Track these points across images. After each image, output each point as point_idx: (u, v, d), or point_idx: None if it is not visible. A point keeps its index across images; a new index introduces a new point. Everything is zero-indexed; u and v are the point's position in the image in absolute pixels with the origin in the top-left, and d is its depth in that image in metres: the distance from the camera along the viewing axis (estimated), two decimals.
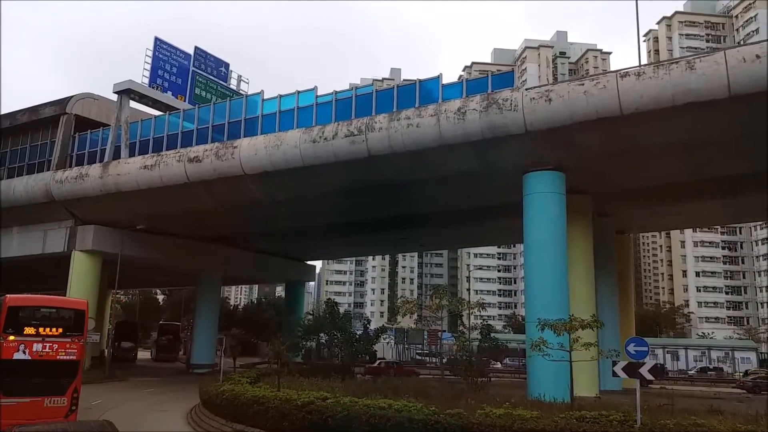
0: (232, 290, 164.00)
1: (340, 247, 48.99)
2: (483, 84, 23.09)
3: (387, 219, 33.07)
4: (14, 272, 43.51)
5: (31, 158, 36.07)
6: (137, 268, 40.45)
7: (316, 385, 19.91)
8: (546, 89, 21.27)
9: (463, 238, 44.36)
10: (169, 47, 35.57)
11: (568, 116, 20.68)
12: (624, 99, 19.85)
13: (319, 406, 14.58)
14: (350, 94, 25.89)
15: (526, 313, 22.89)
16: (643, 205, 30.27)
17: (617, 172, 24.59)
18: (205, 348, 40.56)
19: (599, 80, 20.47)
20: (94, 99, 35.75)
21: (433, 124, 22.56)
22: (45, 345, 15.69)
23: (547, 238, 22.21)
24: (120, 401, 24.18)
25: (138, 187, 29.83)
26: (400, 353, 55.94)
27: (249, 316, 66.23)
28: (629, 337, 14.50)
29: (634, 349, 12.33)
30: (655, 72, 19.62)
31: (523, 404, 15.19)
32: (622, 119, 20.18)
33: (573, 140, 21.52)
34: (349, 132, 24.21)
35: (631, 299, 37.01)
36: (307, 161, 25.28)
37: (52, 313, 16.66)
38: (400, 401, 14.24)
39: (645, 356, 12.44)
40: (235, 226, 36.84)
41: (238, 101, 30.33)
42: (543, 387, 19.33)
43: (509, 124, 21.47)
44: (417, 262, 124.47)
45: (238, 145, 26.92)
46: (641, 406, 13.35)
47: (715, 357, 56.65)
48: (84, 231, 33.59)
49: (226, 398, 17.81)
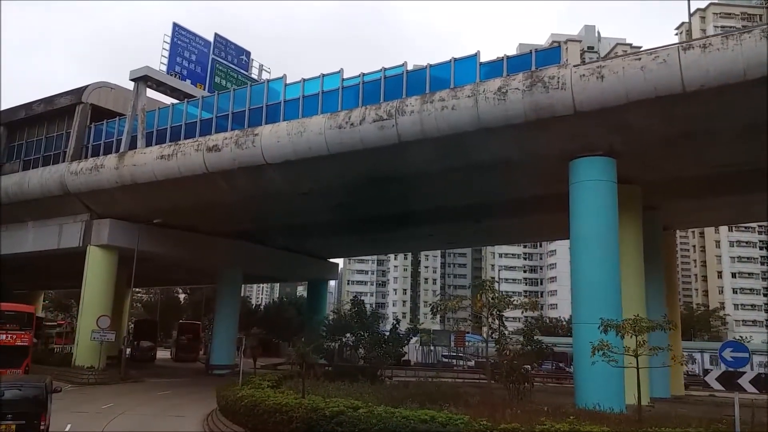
0: (253, 290, 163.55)
1: (365, 244, 47.06)
2: (526, 61, 21.07)
3: (415, 213, 31.17)
4: (31, 268, 42.77)
5: (47, 150, 34.94)
6: (155, 265, 39.20)
7: (343, 390, 18.24)
8: (598, 65, 19.21)
9: (495, 234, 42.06)
10: (189, 33, 34.07)
11: (623, 95, 18.60)
12: (687, 74, 17.72)
13: (350, 417, 12.78)
14: (379, 75, 24.01)
15: (573, 313, 20.82)
16: (693, 197, 27.89)
17: (671, 159, 22.36)
18: (224, 348, 39.06)
19: (659, 54, 18.31)
20: (110, 88, 34.43)
21: (471, 105, 20.63)
22: (7, 335, 25.47)
23: (597, 230, 20.12)
24: (133, 405, 22.70)
25: (155, 178, 28.36)
26: (425, 355, 53.99)
27: (270, 315, 64.76)
28: (725, 341, 12.44)
29: (731, 356, 10.18)
30: (723, 43, 17.45)
31: (581, 415, 13.24)
32: (683, 98, 18.05)
33: (627, 122, 19.42)
34: (378, 116, 22.40)
35: (677, 300, 34.69)
36: (332, 149, 23.53)
37: (12, 314, 26.26)
38: (443, 413, 12.39)
39: (745, 364, 10.30)
40: (256, 221, 35.23)
41: (259, 87, 28.67)
42: (597, 395, 17.37)
43: (556, 105, 19.45)
44: (440, 262, 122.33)
45: (259, 133, 25.28)
46: (699, 418, 11.49)
47: (757, 362, 53.89)
48: (99, 225, 32.27)
49: (245, 405, 16.09)
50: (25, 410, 12.28)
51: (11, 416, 12.08)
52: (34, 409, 12.51)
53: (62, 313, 75.79)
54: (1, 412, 11.96)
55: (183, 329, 55.26)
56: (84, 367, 30.59)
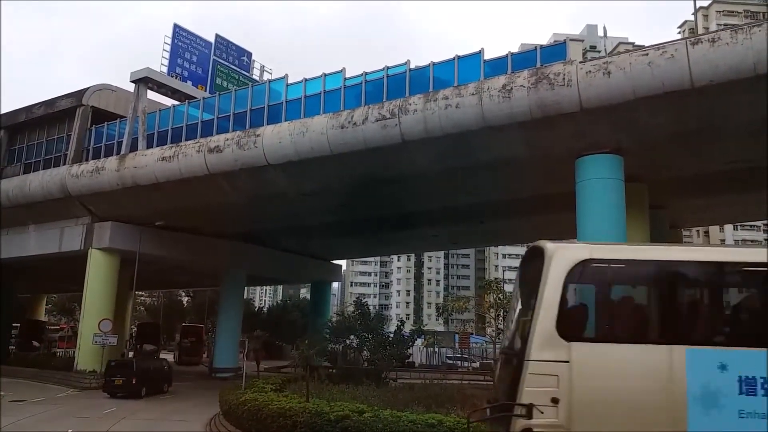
0: (256, 292, 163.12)
1: (368, 245, 46.75)
2: (531, 58, 20.80)
3: (418, 213, 30.89)
4: (34, 271, 42.58)
5: (48, 153, 34.78)
6: (158, 268, 38.93)
7: (347, 393, 17.94)
8: (604, 61, 18.91)
9: (500, 234, 41.70)
10: (189, 34, 33.84)
11: (630, 91, 18.27)
12: (695, 69, 17.39)
13: (355, 422, 12.49)
14: (381, 74, 23.75)
15: None
16: (701, 195, 27.53)
17: (678, 156, 22.00)
18: (228, 351, 38.75)
19: (666, 49, 17.99)
20: (111, 90, 34.23)
21: (475, 103, 20.33)
22: None
23: (605, 229, 19.71)
24: (135, 409, 22.43)
25: (156, 180, 28.12)
26: (430, 356, 53.67)
27: (273, 317, 64.47)
28: None
29: None
30: (732, 37, 17.14)
31: None
32: (692, 93, 17.72)
33: (634, 119, 19.10)
34: (381, 115, 22.11)
35: None
36: (335, 149, 23.25)
37: None
38: (451, 416, 12.07)
39: None
40: (259, 222, 34.98)
41: (260, 87, 28.43)
42: None
43: (562, 102, 19.14)
44: (443, 263, 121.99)
45: (261, 134, 25.02)
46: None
47: None
48: (101, 228, 32.04)
49: (248, 409, 15.81)
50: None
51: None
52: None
53: (65, 316, 75.59)
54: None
55: (186, 332, 54.98)
56: (86, 371, 30.35)
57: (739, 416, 5.82)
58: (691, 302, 7.30)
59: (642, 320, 7.19)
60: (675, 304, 7.04)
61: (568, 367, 6.27)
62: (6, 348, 43.09)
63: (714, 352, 6.20)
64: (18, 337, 50.58)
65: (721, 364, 6.05)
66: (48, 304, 72.49)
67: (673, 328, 6.70)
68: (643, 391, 6.21)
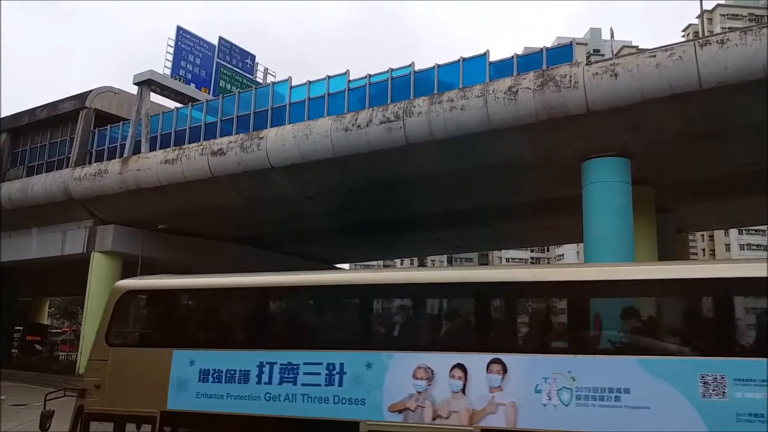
0: None
1: (371, 249, 46.58)
2: (537, 60, 20.66)
3: (422, 216, 30.66)
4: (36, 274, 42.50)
5: (51, 155, 34.67)
6: (161, 271, 38.60)
7: None
8: (611, 63, 18.72)
9: (504, 238, 41.51)
10: (193, 37, 33.78)
11: (638, 93, 18.09)
12: (704, 71, 17.21)
13: None
14: (386, 77, 23.63)
15: None
16: (708, 198, 27.28)
17: (685, 159, 21.78)
18: None
19: (674, 50, 17.82)
20: (114, 93, 34.14)
21: (480, 106, 20.16)
22: None
23: (612, 233, 19.53)
24: None
25: (159, 182, 27.99)
26: None
27: None
28: None
29: None
30: (742, 38, 16.95)
31: None
32: (700, 95, 17.54)
33: (642, 121, 18.90)
34: (385, 118, 21.95)
35: None
36: (338, 151, 23.09)
37: None
38: None
39: None
40: (263, 226, 34.79)
41: (264, 90, 28.36)
42: None
43: (568, 104, 18.95)
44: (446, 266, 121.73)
45: (265, 136, 24.88)
46: None
47: None
48: (103, 231, 31.89)
49: None
50: None
51: None
52: None
53: (68, 320, 75.52)
54: None
55: None
56: None
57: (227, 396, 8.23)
58: (198, 318, 10.42)
59: (154, 330, 10.26)
60: (201, 318, 10.29)
61: (107, 364, 9.02)
62: (8, 351, 42.97)
63: (186, 354, 8.56)
64: (20, 341, 50.50)
65: (191, 360, 8.44)
66: (51, 307, 72.43)
67: (176, 336, 9.34)
68: (145, 379, 8.79)
